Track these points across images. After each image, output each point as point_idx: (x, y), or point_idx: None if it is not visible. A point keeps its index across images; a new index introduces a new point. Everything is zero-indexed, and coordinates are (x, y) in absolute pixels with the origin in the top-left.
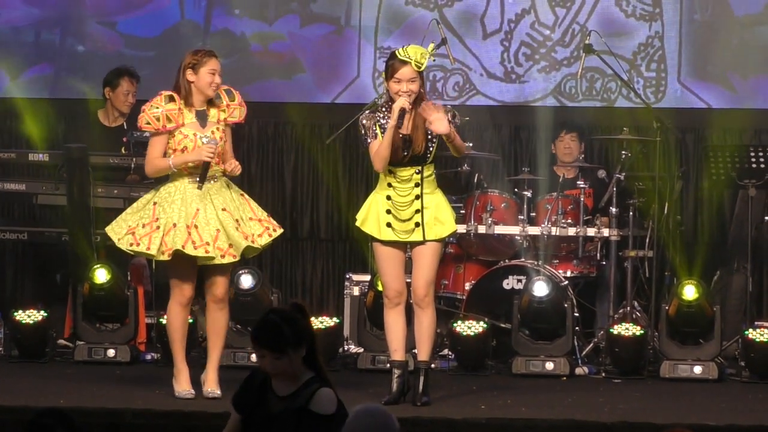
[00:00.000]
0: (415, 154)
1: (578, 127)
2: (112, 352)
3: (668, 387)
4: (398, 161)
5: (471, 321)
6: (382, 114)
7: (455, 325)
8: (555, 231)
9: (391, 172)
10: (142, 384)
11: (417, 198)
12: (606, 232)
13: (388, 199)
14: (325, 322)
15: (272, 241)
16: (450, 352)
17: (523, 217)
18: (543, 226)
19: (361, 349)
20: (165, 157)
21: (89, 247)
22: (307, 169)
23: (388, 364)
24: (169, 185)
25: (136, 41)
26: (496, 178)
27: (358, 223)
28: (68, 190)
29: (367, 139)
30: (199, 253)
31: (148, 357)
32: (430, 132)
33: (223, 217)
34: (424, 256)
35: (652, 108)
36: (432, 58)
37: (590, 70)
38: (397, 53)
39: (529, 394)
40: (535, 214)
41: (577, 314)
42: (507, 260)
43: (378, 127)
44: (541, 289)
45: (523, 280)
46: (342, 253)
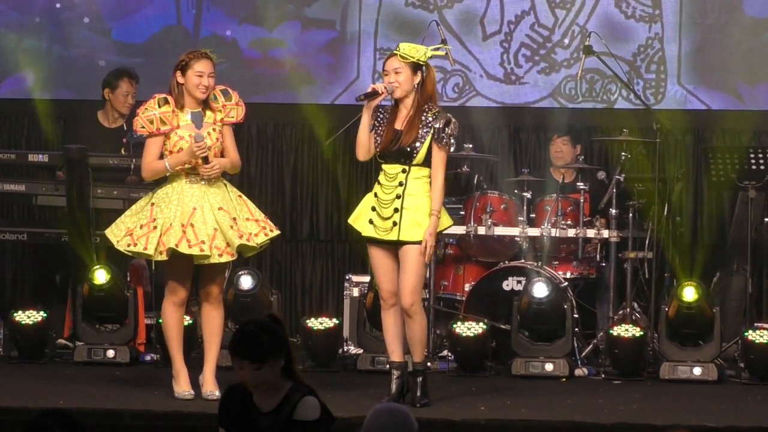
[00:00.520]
0: (401, 147)
1: (571, 130)
2: (111, 353)
3: (668, 388)
4: (388, 155)
5: (470, 322)
6: (382, 111)
7: (455, 326)
8: (555, 232)
9: (382, 169)
10: (142, 385)
11: (398, 197)
12: (606, 234)
13: (376, 196)
14: (325, 323)
15: (269, 242)
16: (449, 353)
17: (522, 219)
18: (543, 227)
19: (361, 350)
20: (162, 159)
21: (89, 248)
22: (307, 170)
23: (388, 365)
24: (167, 186)
25: (126, 47)
26: (495, 179)
27: (351, 219)
28: (68, 191)
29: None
30: (194, 251)
31: (148, 358)
32: (422, 134)
33: (220, 216)
34: (405, 262)
35: (651, 109)
36: (431, 56)
37: (590, 72)
38: None
39: (528, 396)
40: (534, 215)
41: (576, 315)
42: (506, 261)
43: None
44: (540, 290)
45: (523, 282)
46: (341, 254)
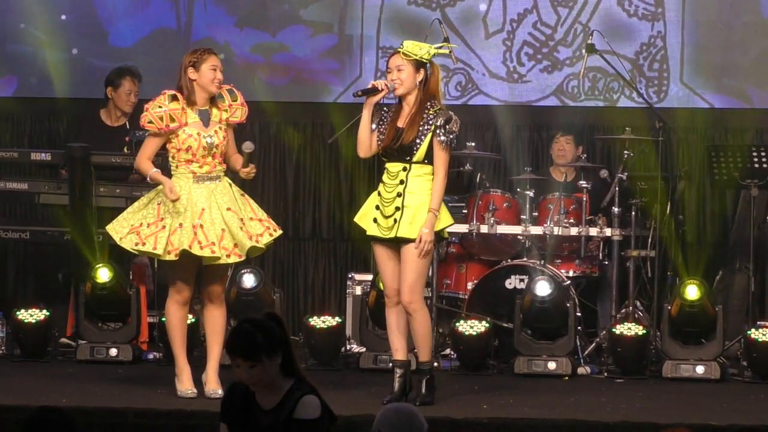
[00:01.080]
0: (403, 144)
1: (574, 129)
2: (114, 352)
3: (670, 387)
4: (391, 152)
5: (473, 321)
6: (386, 109)
7: (457, 324)
8: (557, 231)
9: (385, 168)
10: (144, 383)
11: (399, 195)
12: (608, 232)
13: (379, 194)
14: (327, 321)
15: (273, 241)
16: (452, 352)
17: (525, 217)
18: (545, 225)
19: (364, 349)
20: (151, 163)
21: (91, 246)
22: (309, 169)
23: (390, 364)
24: (173, 185)
25: (120, 50)
26: (498, 177)
27: (356, 218)
28: (70, 189)
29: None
30: (205, 253)
31: (150, 356)
32: (422, 131)
33: (228, 216)
34: (404, 260)
35: (654, 108)
36: (434, 54)
37: (592, 70)
38: None
39: (531, 394)
40: (537, 213)
41: (579, 314)
42: (509, 260)
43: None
44: (543, 288)
45: (526, 280)
46: (344, 253)
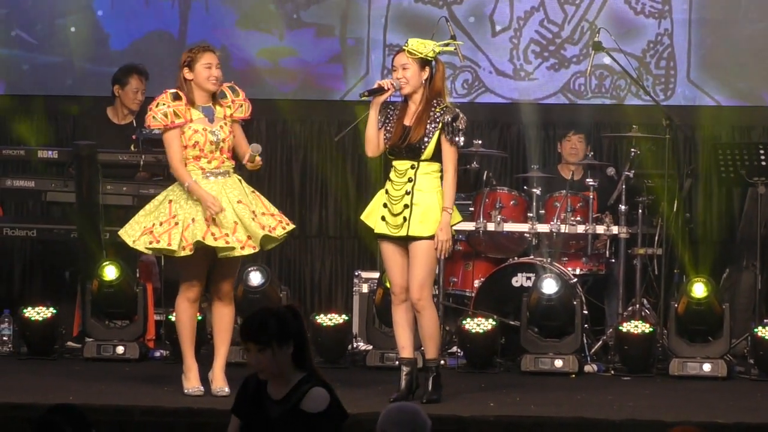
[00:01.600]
0: (410, 143)
1: (586, 128)
2: (121, 349)
3: (677, 385)
4: (398, 151)
5: (480, 318)
6: (392, 107)
7: (464, 322)
8: (564, 228)
9: (392, 166)
10: (151, 381)
11: (407, 193)
12: (615, 230)
13: (387, 192)
14: (334, 319)
15: (286, 235)
16: (459, 350)
17: (532, 215)
18: (552, 223)
19: (370, 347)
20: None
21: (98, 244)
22: (316, 167)
23: (397, 362)
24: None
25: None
26: (504, 175)
27: (363, 216)
28: (77, 187)
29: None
30: (220, 243)
31: (157, 354)
32: (430, 129)
33: (240, 209)
34: (413, 257)
35: (661, 105)
36: (439, 51)
37: (599, 68)
38: None
39: (537, 392)
40: (544, 211)
41: (585, 312)
42: (516, 258)
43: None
44: (550, 286)
45: (532, 278)
46: (351, 251)
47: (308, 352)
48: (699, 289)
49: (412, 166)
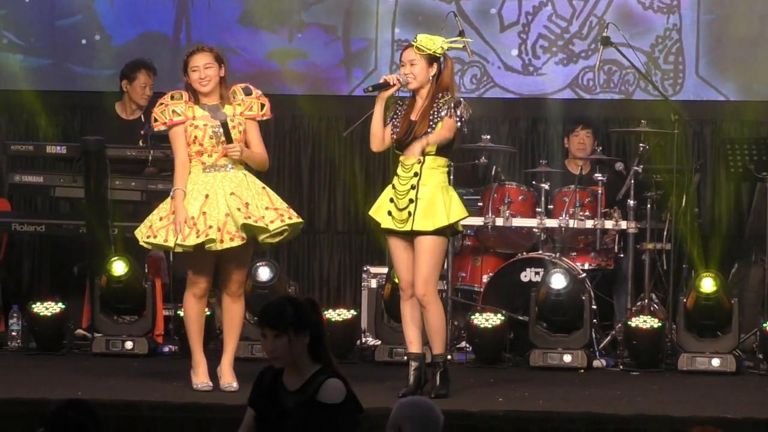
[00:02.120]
0: (416, 137)
1: (594, 123)
2: (129, 345)
3: (686, 380)
4: (404, 145)
5: (488, 313)
6: (400, 102)
7: (473, 317)
8: (572, 223)
9: (399, 161)
10: (160, 376)
11: (413, 188)
12: (624, 225)
13: (394, 188)
14: (343, 314)
15: (287, 228)
16: (467, 345)
17: (540, 210)
18: (560, 218)
19: (379, 342)
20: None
21: (107, 239)
22: (324, 162)
23: (405, 357)
24: (189, 178)
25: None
26: (513, 170)
27: (371, 212)
28: (85, 182)
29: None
30: (200, 239)
31: (166, 349)
32: (433, 121)
33: (231, 200)
34: (417, 253)
35: (669, 100)
36: (448, 48)
37: (608, 63)
38: None
39: (546, 387)
40: (552, 206)
41: (594, 307)
42: (524, 253)
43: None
44: (558, 281)
45: (541, 273)
46: (359, 246)
47: (325, 344)
48: (708, 284)
49: (418, 161)
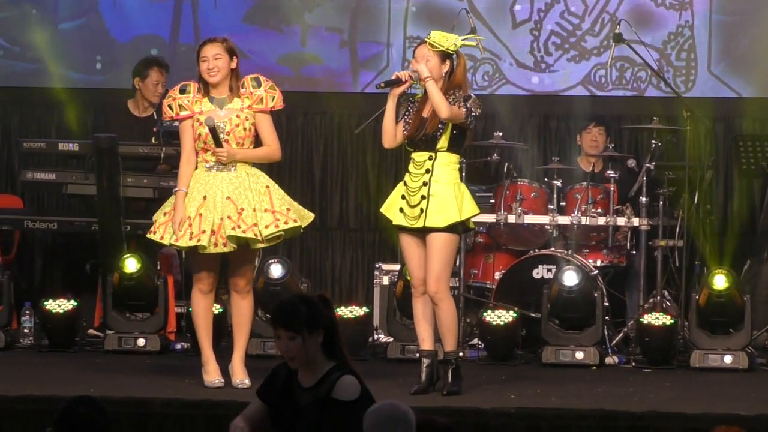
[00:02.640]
0: (427, 133)
1: (606, 120)
2: (141, 342)
3: (698, 377)
4: (416, 142)
5: (500, 310)
6: (412, 99)
7: (485, 314)
8: (585, 220)
9: (411, 158)
10: (172, 373)
11: (425, 184)
12: (636, 222)
13: (405, 184)
14: (355, 311)
15: (282, 233)
16: (479, 342)
17: (552, 207)
18: (573, 215)
19: (391, 339)
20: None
21: (119, 236)
22: (336, 159)
23: (417, 354)
24: (193, 174)
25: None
26: (525, 167)
27: (383, 209)
28: (98, 179)
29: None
30: (192, 243)
31: (178, 346)
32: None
33: (225, 205)
34: (429, 249)
35: (682, 97)
36: (461, 45)
37: (620, 60)
38: None
39: (558, 384)
40: (564, 203)
41: (606, 304)
42: (536, 250)
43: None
44: (570, 278)
45: (553, 270)
46: (371, 243)
47: (339, 341)
48: (720, 281)
49: (430, 157)
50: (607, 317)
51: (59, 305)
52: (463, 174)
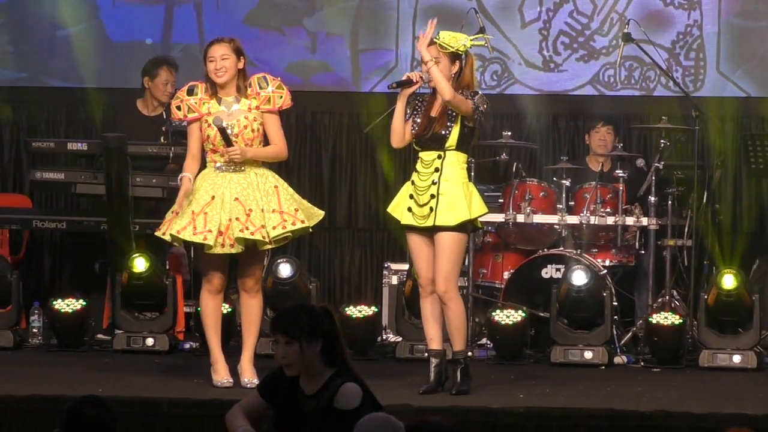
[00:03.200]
0: (435, 133)
1: (615, 119)
2: (150, 341)
3: (707, 376)
4: (424, 142)
5: (509, 310)
6: (420, 99)
7: (494, 314)
8: (594, 220)
9: (419, 157)
10: (180, 373)
11: (434, 183)
12: (645, 222)
13: (413, 184)
14: (364, 311)
15: (290, 233)
16: (488, 341)
17: (561, 206)
18: (581, 215)
19: (400, 338)
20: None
21: (128, 236)
22: (345, 159)
23: (426, 353)
24: (200, 173)
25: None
26: (534, 167)
27: (390, 209)
28: (107, 179)
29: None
30: (197, 239)
31: (187, 346)
32: (451, 116)
33: (233, 206)
34: (438, 249)
35: (691, 97)
36: (470, 45)
37: (629, 59)
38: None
39: (567, 384)
40: (573, 203)
41: (615, 303)
42: (545, 249)
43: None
44: (579, 278)
45: (562, 269)
46: (380, 242)
47: (339, 350)
48: (729, 281)
49: (439, 156)
50: (615, 317)
51: (68, 305)
52: (472, 173)
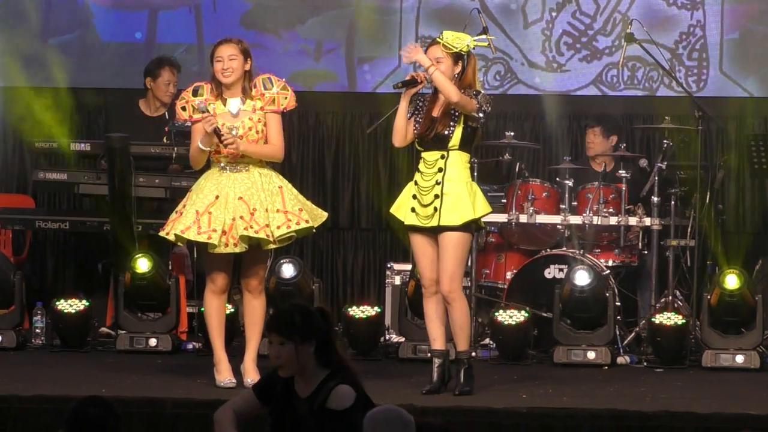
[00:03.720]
0: (438, 133)
1: (602, 120)
2: (153, 342)
3: (710, 376)
4: (426, 141)
5: (512, 310)
6: (421, 98)
7: (496, 314)
8: (596, 220)
9: (421, 157)
10: (183, 373)
11: (438, 183)
12: (648, 222)
13: (416, 184)
14: (367, 311)
15: (294, 233)
16: (491, 342)
17: (564, 207)
18: (584, 215)
19: (403, 339)
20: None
21: (131, 236)
22: (348, 159)
23: (429, 354)
24: (204, 174)
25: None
26: (537, 167)
27: (392, 209)
28: (109, 179)
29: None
30: (201, 238)
31: (190, 346)
32: (454, 116)
33: (238, 205)
34: (443, 248)
35: (693, 97)
36: (474, 46)
37: (632, 59)
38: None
39: (570, 384)
40: (576, 203)
41: (618, 303)
42: (548, 249)
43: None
44: (582, 278)
45: (565, 270)
46: (383, 243)
47: (333, 351)
48: (732, 281)
49: (442, 156)
50: (618, 317)
51: (71, 305)
52: (475, 173)
